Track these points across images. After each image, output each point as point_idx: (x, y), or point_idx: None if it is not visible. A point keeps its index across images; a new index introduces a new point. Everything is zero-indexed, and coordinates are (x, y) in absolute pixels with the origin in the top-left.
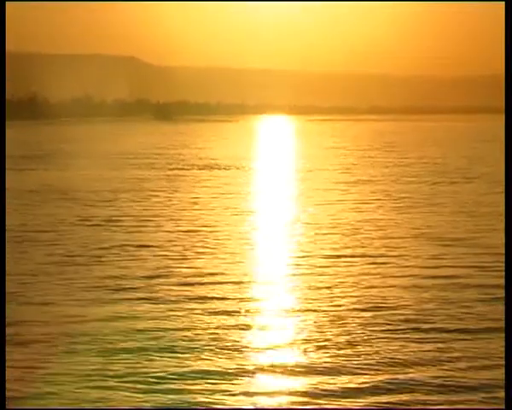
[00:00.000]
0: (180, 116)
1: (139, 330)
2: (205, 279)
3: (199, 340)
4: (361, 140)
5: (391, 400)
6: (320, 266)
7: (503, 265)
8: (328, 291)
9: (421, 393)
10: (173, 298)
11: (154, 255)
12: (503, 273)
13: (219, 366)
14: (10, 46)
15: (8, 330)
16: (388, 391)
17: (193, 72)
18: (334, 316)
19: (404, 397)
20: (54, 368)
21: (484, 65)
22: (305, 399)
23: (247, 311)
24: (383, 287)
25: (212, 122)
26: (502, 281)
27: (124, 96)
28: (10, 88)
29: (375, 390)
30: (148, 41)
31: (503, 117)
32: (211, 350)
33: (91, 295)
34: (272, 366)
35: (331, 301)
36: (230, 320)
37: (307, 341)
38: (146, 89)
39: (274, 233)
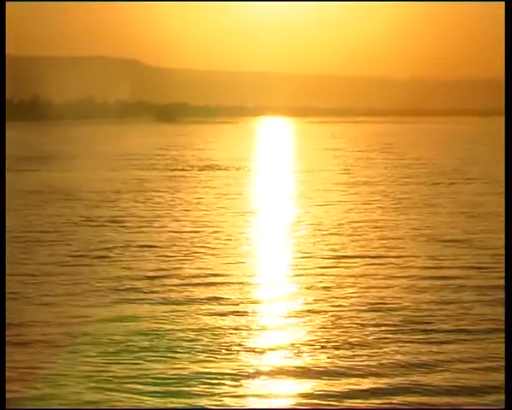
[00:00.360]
0: (181, 118)
1: (141, 332)
2: (206, 280)
3: (200, 341)
4: (359, 142)
5: (392, 401)
6: (320, 267)
7: (503, 265)
8: (327, 292)
9: (421, 395)
10: (175, 299)
11: (156, 256)
12: (503, 274)
13: (220, 368)
14: (13, 50)
15: (10, 331)
16: (389, 393)
17: (193, 74)
18: (334, 317)
19: (404, 399)
20: (55, 369)
21: (483, 68)
22: (307, 400)
23: (248, 312)
24: (383, 288)
25: (212, 124)
26: (501, 282)
27: (125, 98)
28: (14, 90)
29: (375, 392)
30: (150, 44)
31: (498, 119)
32: (212, 351)
33: (93, 295)
34: (273, 367)
35: (331, 303)
36: (232, 322)
37: (308, 343)
38: (147, 91)
39: (274, 234)
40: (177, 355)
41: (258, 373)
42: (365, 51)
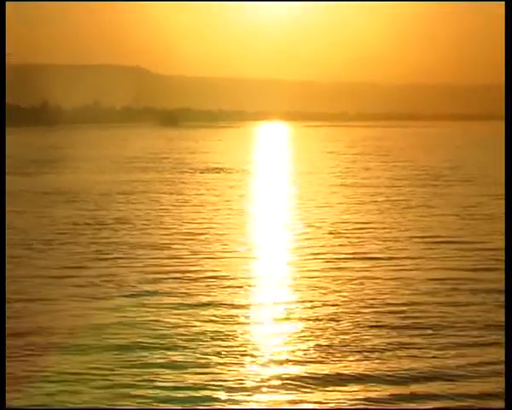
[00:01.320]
0: (184, 122)
1: (142, 336)
2: (207, 282)
3: (199, 348)
4: (355, 145)
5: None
6: (321, 269)
7: (503, 266)
8: (328, 294)
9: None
10: (178, 302)
11: (159, 257)
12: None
13: (224, 376)
14: (23, 58)
15: (11, 330)
16: (394, 399)
17: (196, 81)
18: (334, 321)
19: (407, 404)
20: (56, 369)
21: (481, 72)
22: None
23: (251, 316)
24: (385, 289)
25: (214, 128)
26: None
27: (131, 104)
28: (24, 96)
29: (379, 398)
30: (154, 52)
31: (491, 123)
32: (211, 359)
33: (94, 295)
34: (273, 376)
35: (330, 306)
36: (233, 326)
37: (310, 348)
38: (152, 97)
39: (276, 235)
40: (174, 356)
41: (259, 382)
42: (361, 57)
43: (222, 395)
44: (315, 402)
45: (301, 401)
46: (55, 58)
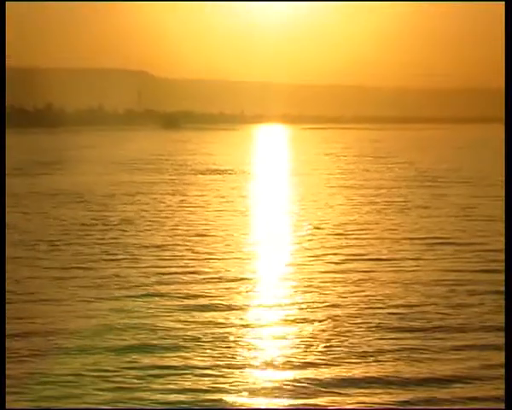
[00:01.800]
0: (185, 125)
1: (144, 337)
2: (210, 284)
3: (200, 350)
4: (351, 146)
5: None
6: (320, 271)
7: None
8: (327, 295)
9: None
10: (180, 303)
11: (160, 258)
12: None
13: (224, 378)
14: (27, 61)
15: (12, 328)
16: (394, 401)
17: (197, 84)
18: (334, 322)
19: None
20: (57, 368)
21: (480, 74)
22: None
23: (252, 318)
24: (384, 291)
25: (214, 130)
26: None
27: (133, 107)
28: (30, 99)
29: (378, 401)
30: (156, 55)
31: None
32: (212, 361)
33: (98, 293)
34: (273, 377)
35: (330, 307)
36: (234, 328)
37: (311, 349)
38: (154, 100)
39: (276, 235)
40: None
41: (258, 389)
42: (359, 59)
43: (222, 396)
44: (315, 404)
45: (301, 404)
46: (60, 62)
